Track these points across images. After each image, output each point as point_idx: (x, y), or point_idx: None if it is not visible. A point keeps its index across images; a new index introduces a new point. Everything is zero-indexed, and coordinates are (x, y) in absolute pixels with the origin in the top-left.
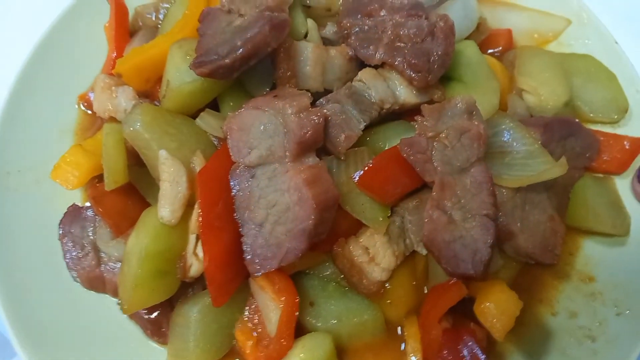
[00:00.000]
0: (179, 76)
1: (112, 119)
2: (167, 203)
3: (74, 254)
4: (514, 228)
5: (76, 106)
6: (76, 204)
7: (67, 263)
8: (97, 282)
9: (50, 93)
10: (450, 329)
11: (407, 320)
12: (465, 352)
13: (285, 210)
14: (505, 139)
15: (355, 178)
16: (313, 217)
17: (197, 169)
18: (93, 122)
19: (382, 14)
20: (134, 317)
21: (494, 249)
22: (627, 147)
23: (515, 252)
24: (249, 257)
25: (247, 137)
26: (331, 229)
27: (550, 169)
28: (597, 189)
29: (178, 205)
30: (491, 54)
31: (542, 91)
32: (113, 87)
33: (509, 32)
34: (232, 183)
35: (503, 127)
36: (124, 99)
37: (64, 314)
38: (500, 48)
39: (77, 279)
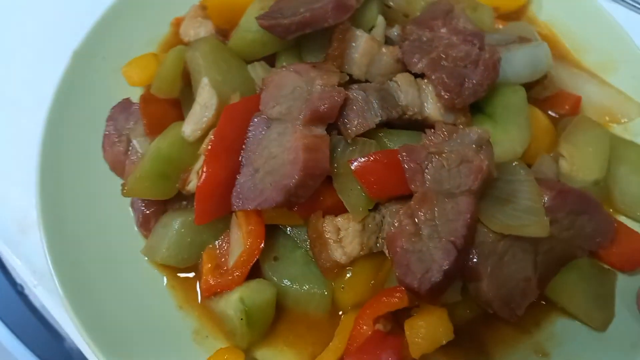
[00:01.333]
0: (248, 24)
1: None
2: (192, 121)
3: (112, 136)
4: (482, 270)
5: (169, 26)
6: (130, 98)
7: (103, 141)
8: (119, 167)
9: (153, 10)
10: (381, 333)
11: (351, 310)
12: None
13: (280, 164)
14: (514, 188)
15: (353, 164)
16: (296, 178)
17: None
18: (176, 43)
19: (442, 31)
20: (134, 207)
21: (451, 278)
22: None
23: (476, 294)
24: (235, 193)
25: (278, 93)
26: (315, 200)
27: (529, 225)
28: (590, 275)
29: (200, 126)
30: (552, 115)
31: (577, 161)
32: (200, 18)
33: (578, 99)
34: (250, 127)
35: (517, 177)
36: (204, 30)
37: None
38: (562, 111)
39: (105, 158)
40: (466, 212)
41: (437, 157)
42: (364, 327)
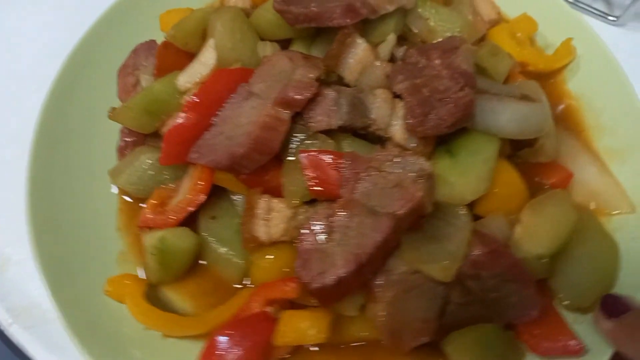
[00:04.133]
0: (268, 6)
1: None
2: (187, 74)
3: (128, 67)
4: (383, 294)
5: None
6: (156, 41)
7: (119, 69)
8: (125, 97)
9: None
10: (265, 315)
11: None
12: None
13: (240, 134)
14: (449, 232)
15: (302, 154)
16: (244, 148)
17: None
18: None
19: (435, 62)
20: (121, 133)
21: (343, 288)
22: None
23: (370, 315)
24: (195, 146)
25: (268, 73)
26: (262, 176)
27: (432, 265)
28: (493, 344)
29: (193, 79)
30: (537, 183)
31: (530, 231)
32: None
33: (569, 175)
34: (233, 94)
35: (456, 222)
36: (243, 1)
37: None
38: (549, 182)
39: (118, 85)
40: (381, 233)
41: (376, 172)
42: (253, 304)
